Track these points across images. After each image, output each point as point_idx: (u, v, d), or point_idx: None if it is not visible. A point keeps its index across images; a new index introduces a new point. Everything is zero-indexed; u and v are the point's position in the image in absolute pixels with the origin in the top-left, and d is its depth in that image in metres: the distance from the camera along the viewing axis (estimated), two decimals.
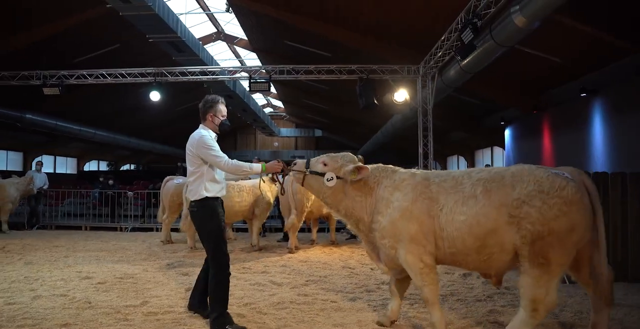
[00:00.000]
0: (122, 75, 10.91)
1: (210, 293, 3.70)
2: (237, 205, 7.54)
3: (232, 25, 16.15)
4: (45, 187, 11.77)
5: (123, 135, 21.79)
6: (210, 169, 3.72)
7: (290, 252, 7.60)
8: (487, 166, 13.14)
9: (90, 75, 10.88)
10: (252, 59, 19.23)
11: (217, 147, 3.67)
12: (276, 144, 33.67)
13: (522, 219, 2.99)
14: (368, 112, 20.03)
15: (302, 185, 3.70)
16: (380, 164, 3.74)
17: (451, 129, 17.96)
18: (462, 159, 22.60)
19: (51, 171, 22.79)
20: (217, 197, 3.77)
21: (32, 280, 5.45)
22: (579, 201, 2.99)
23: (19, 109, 14.61)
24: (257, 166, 3.69)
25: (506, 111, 13.11)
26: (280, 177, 3.91)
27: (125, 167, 30.78)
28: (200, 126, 3.85)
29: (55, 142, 21.15)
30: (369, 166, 3.62)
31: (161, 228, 10.61)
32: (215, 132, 3.85)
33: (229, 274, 3.70)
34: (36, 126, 15.83)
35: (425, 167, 10.50)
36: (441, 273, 6.02)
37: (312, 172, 3.58)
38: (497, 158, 19.29)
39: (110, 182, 12.50)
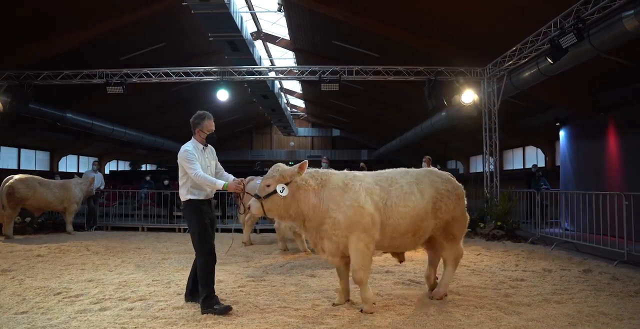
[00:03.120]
0: (187, 74, 10.75)
1: (199, 278, 4.21)
2: None
3: (271, 25, 16.07)
4: (102, 187, 11.61)
5: (148, 134, 21.58)
6: None
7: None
8: (534, 166, 13.29)
9: (154, 74, 10.68)
10: (285, 59, 19.17)
11: (195, 160, 4.16)
12: (292, 143, 33.57)
13: (437, 210, 4.29)
14: (399, 112, 20.10)
15: (264, 214, 4.11)
16: (317, 169, 4.39)
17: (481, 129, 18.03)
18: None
19: (75, 170, 22.46)
20: (202, 200, 4.30)
21: (164, 283, 5.39)
22: (463, 195, 4.57)
23: (60, 109, 14.39)
24: (220, 183, 4.11)
25: (554, 110, 13.26)
26: (241, 195, 4.29)
27: (143, 166, 30.42)
28: (192, 138, 4.37)
29: (81, 142, 20.85)
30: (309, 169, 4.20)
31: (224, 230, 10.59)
32: (203, 145, 4.37)
33: (213, 260, 4.25)
34: (75, 126, 15.62)
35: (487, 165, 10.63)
36: (558, 269, 6.12)
37: (266, 197, 4.03)
38: (529, 158, 19.48)
39: (166, 182, 12.32)
